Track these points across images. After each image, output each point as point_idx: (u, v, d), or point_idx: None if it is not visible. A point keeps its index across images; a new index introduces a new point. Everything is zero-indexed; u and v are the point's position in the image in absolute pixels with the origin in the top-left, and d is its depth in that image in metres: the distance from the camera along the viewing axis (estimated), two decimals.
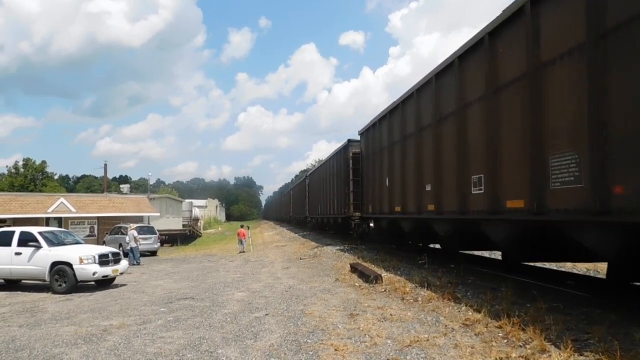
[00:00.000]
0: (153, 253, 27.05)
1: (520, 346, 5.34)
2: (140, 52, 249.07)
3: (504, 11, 7.57)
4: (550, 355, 4.90)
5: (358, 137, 19.35)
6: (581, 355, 4.84)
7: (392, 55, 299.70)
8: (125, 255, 20.14)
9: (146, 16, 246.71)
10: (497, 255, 13.75)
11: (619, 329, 5.59)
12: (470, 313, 6.96)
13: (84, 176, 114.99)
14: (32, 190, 60.25)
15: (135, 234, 22.01)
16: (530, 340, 5.41)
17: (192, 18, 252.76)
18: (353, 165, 19.50)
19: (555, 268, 11.86)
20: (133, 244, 21.25)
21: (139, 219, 33.33)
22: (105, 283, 13.12)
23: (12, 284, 13.67)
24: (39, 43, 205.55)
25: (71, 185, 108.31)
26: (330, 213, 24.89)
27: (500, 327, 6.06)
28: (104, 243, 26.67)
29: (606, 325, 5.61)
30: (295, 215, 48.68)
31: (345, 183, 20.43)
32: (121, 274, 13.56)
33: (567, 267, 12.01)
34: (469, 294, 8.25)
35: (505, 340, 5.61)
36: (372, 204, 16.49)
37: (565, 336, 5.31)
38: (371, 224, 18.63)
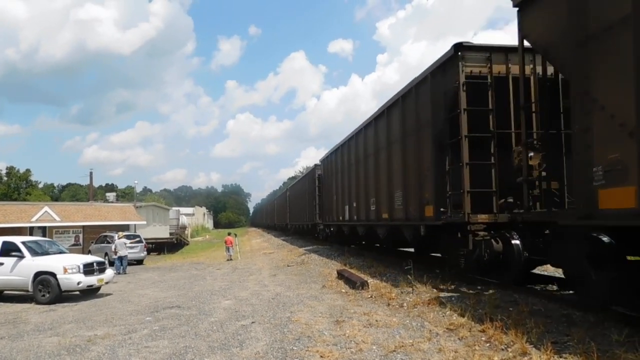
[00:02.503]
0: (139, 262, 26.76)
1: (503, 349, 5.44)
2: (130, 60, 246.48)
3: None
4: (531, 358, 5.01)
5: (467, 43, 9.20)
6: (560, 357, 4.95)
7: (380, 63, 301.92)
8: (111, 264, 19.91)
9: (137, 24, 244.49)
10: None
11: (597, 330, 5.72)
12: (455, 318, 7.05)
13: (69, 184, 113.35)
14: (15, 199, 59.38)
15: (127, 241, 21.86)
16: (512, 343, 5.51)
17: (183, 26, 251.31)
18: (471, 94, 9.07)
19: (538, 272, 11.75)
20: (123, 253, 21.04)
21: (125, 228, 32.97)
22: (90, 293, 12.97)
23: None
24: (26, 50, 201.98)
25: (56, 193, 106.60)
26: (382, 216, 13.66)
27: (483, 331, 6.16)
28: (89, 252, 26.32)
29: (585, 328, 5.75)
30: (294, 222, 37.18)
31: (437, 147, 9.99)
32: (106, 283, 13.42)
33: (549, 270, 11.80)
34: (453, 298, 8.35)
35: (488, 344, 5.71)
36: None
37: (545, 339, 5.44)
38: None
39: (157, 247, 40.31)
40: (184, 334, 7.48)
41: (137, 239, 27.27)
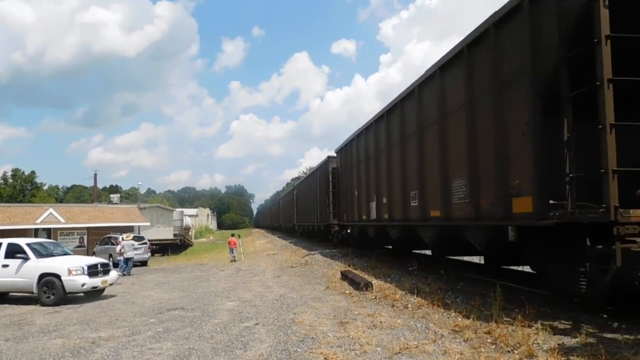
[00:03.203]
0: (143, 263, 26.83)
1: (509, 351, 5.38)
2: (134, 62, 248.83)
3: None
4: None
5: None
6: (568, 359, 4.89)
7: (383, 63, 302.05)
8: (115, 265, 19.96)
9: (142, 26, 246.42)
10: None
11: (605, 332, 5.65)
12: (460, 319, 6.99)
13: (74, 186, 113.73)
14: (21, 201, 59.73)
15: (134, 243, 21.95)
16: (518, 345, 5.45)
17: (187, 28, 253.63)
18: None
19: None
20: (130, 254, 21.09)
21: (129, 229, 33.06)
22: (94, 294, 12.97)
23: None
24: (32, 53, 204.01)
25: (61, 195, 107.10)
26: (430, 214, 10.63)
27: (489, 332, 6.10)
28: (93, 254, 26.40)
29: (592, 329, 5.68)
30: (303, 223, 34.35)
31: (543, 107, 6.79)
32: (111, 284, 13.43)
33: None
34: (458, 300, 8.29)
35: (494, 346, 5.65)
36: None
37: (552, 341, 5.37)
38: None
39: (161, 249, 40.45)
40: (188, 335, 7.46)
41: (141, 241, 27.37)
